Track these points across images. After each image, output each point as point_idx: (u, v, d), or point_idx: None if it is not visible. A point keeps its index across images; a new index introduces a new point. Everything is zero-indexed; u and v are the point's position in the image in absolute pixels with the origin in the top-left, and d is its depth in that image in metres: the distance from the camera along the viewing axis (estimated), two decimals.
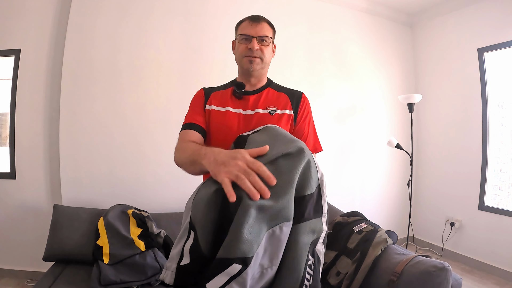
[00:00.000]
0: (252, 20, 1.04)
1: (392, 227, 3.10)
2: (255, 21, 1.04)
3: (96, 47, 2.17)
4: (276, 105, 1.06)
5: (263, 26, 1.04)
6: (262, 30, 1.03)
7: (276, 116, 1.03)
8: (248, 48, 1.03)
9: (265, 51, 1.04)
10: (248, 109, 1.05)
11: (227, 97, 1.09)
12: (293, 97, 1.09)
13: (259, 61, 1.04)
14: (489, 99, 2.76)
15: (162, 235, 1.86)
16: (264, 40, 1.03)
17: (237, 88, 1.06)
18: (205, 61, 2.44)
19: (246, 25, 1.05)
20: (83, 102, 2.16)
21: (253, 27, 1.03)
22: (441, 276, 1.32)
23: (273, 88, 1.12)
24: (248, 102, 1.06)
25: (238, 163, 0.66)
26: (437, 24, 3.16)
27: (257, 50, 1.02)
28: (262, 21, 1.04)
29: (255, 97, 1.08)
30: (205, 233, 0.64)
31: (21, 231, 2.23)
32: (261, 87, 1.10)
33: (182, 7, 2.38)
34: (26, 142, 2.22)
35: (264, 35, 1.03)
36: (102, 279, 1.57)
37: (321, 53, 2.88)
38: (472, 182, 2.84)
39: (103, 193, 2.18)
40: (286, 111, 1.05)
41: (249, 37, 1.02)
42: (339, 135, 2.95)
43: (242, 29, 1.06)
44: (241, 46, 1.05)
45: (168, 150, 2.32)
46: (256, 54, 1.03)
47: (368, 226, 1.82)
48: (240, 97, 1.06)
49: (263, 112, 1.04)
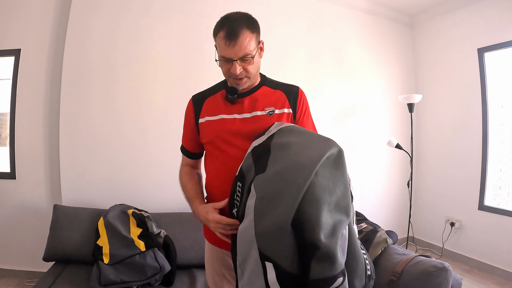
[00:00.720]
0: (229, 38, 0.88)
1: (392, 227, 3.10)
2: (232, 40, 0.88)
3: (96, 47, 2.17)
4: (273, 105, 1.01)
5: (242, 42, 0.89)
6: (241, 49, 0.89)
7: (275, 116, 1.00)
8: (230, 71, 0.93)
9: (249, 68, 0.94)
10: (244, 112, 1.00)
11: (219, 102, 1.03)
12: (290, 94, 1.04)
13: (246, 79, 0.97)
14: (489, 99, 2.75)
15: (162, 235, 1.86)
16: (246, 59, 0.92)
17: (230, 94, 0.99)
18: (204, 62, 2.43)
19: (223, 44, 0.90)
20: (83, 102, 2.16)
21: (231, 48, 0.89)
22: (441, 276, 1.32)
23: (268, 86, 1.06)
24: (243, 105, 1.01)
25: (211, 225, 0.93)
26: (437, 24, 3.16)
27: (241, 71, 0.93)
28: (239, 37, 0.88)
29: (249, 98, 1.02)
30: (288, 257, 0.68)
31: (21, 231, 2.23)
32: (255, 87, 1.04)
33: (182, 7, 2.38)
34: (26, 142, 2.22)
35: (245, 54, 0.90)
36: (102, 279, 1.57)
37: (321, 53, 2.88)
38: (472, 182, 2.84)
39: (103, 193, 2.18)
40: (284, 110, 1.01)
41: (229, 60, 0.91)
42: (339, 135, 2.94)
43: (220, 47, 0.92)
44: (223, 66, 0.95)
45: (168, 150, 2.32)
46: (241, 75, 0.95)
47: (368, 226, 1.82)
48: (234, 102, 1.01)
49: (261, 114, 0.99)
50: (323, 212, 0.68)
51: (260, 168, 0.80)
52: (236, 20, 0.92)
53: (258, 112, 1.00)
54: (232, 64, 0.91)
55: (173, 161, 1.01)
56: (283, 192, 0.70)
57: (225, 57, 0.91)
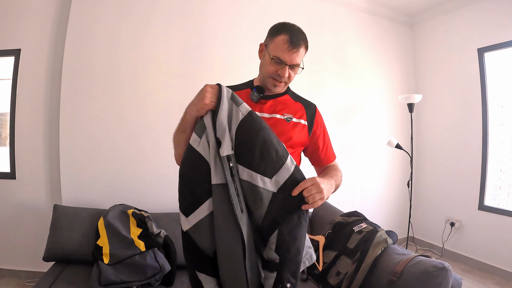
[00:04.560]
0: (292, 44, 0.95)
1: (392, 227, 3.10)
2: (295, 47, 0.95)
3: (96, 47, 2.17)
4: (292, 113, 1.06)
5: (300, 53, 0.97)
6: (297, 58, 0.97)
7: (291, 124, 1.04)
8: (277, 73, 0.98)
9: (292, 76, 1.02)
10: (264, 112, 1.04)
11: (242, 98, 1.06)
12: (308, 109, 1.09)
13: (283, 85, 1.03)
14: (489, 99, 2.76)
15: (162, 235, 1.86)
16: (295, 68, 1.00)
17: (257, 92, 1.04)
18: (205, 61, 2.44)
19: (284, 47, 0.95)
20: (83, 102, 2.16)
21: (290, 54, 0.95)
22: (441, 276, 1.32)
23: (290, 96, 1.11)
24: (264, 105, 1.05)
25: (202, 94, 0.88)
26: (437, 24, 3.16)
27: (286, 76, 0.99)
28: (301, 47, 0.97)
29: (272, 101, 1.06)
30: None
31: (21, 231, 2.23)
32: (280, 93, 1.09)
33: (182, 7, 2.38)
34: (26, 142, 2.22)
35: (297, 63, 0.98)
36: (102, 279, 1.57)
37: (321, 53, 2.88)
38: (472, 182, 2.84)
39: (103, 193, 2.18)
40: (301, 121, 1.06)
41: (282, 62, 0.97)
42: (339, 135, 2.94)
43: (277, 48, 0.96)
44: (270, 66, 0.99)
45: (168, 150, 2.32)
46: (284, 80, 1.01)
47: (368, 226, 1.82)
48: (257, 101, 1.05)
49: (280, 118, 1.03)
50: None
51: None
52: (300, 32, 1.00)
53: (277, 115, 1.04)
54: (283, 68, 0.97)
55: (173, 161, 1.01)
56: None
57: (281, 59, 0.96)
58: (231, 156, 0.84)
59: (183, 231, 0.87)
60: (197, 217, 0.85)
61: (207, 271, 0.86)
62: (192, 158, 0.86)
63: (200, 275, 0.87)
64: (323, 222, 2.17)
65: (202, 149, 0.85)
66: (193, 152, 0.85)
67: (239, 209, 0.82)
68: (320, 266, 1.80)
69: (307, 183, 0.85)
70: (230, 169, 0.83)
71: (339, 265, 1.73)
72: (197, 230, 0.85)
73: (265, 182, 0.83)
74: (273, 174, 0.84)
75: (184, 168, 0.88)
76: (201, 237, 0.85)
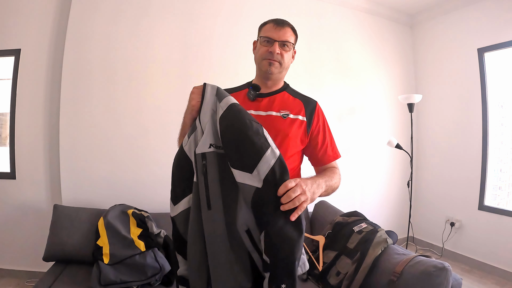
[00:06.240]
0: (276, 23, 1.04)
1: (392, 227, 3.10)
2: (279, 25, 1.04)
3: (96, 47, 2.17)
4: (289, 110, 1.06)
5: (287, 31, 1.04)
6: (285, 35, 1.03)
7: (288, 120, 1.04)
8: (269, 51, 1.03)
9: (285, 56, 1.04)
10: (260, 110, 1.05)
11: (239, 99, 1.07)
12: (307, 105, 1.09)
13: (277, 65, 1.05)
14: (489, 99, 2.76)
15: (162, 235, 1.86)
16: (286, 45, 1.04)
17: (253, 90, 1.07)
18: (203, 61, 2.44)
19: (270, 27, 1.04)
20: (83, 102, 2.16)
21: (277, 31, 1.03)
22: (441, 276, 1.32)
23: (289, 93, 1.12)
24: (260, 103, 1.06)
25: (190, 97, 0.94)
26: (437, 24, 3.16)
27: (278, 54, 1.02)
28: (286, 26, 1.04)
29: (268, 99, 1.08)
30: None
31: (21, 231, 2.23)
32: (277, 90, 1.10)
33: (181, 7, 2.38)
34: (26, 142, 2.22)
35: (287, 40, 1.03)
36: (102, 279, 1.57)
37: (321, 53, 2.88)
38: (472, 182, 2.84)
39: (103, 193, 2.18)
40: (299, 117, 1.05)
41: (271, 40, 1.03)
42: (339, 135, 2.94)
43: (265, 31, 1.05)
44: (262, 48, 1.05)
45: (168, 149, 2.31)
46: (276, 58, 1.03)
47: (368, 226, 1.82)
48: (254, 99, 1.07)
49: (276, 115, 1.04)
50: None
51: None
52: (284, 19, 1.08)
53: (273, 113, 1.05)
54: (273, 44, 1.02)
55: (173, 161, 1.01)
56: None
57: (269, 37, 1.03)
58: (208, 154, 0.84)
59: (171, 216, 0.94)
60: (179, 209, 0.91)
61: (182, 253, 0.93)
62: (180, 157, 0.90)
63: (178, 256, 0.94)
64: (323, 222, 2.18)
65: (188, 149, 0.89)
66: (181, 152, 0.90)
67: (205, 206, 0.83)
68: (320, 266, 1.80)
69: (291, 183, 0.79)
70: (202, 167, 0.83)
71: (339, 265, 1.73)
72: (178, 219, 0.92)
73: (244, 178, 0.79)
74: (252, 169, 0.79)
75: (173, 167, 0.93)
76: (180, 225, 0.92)
